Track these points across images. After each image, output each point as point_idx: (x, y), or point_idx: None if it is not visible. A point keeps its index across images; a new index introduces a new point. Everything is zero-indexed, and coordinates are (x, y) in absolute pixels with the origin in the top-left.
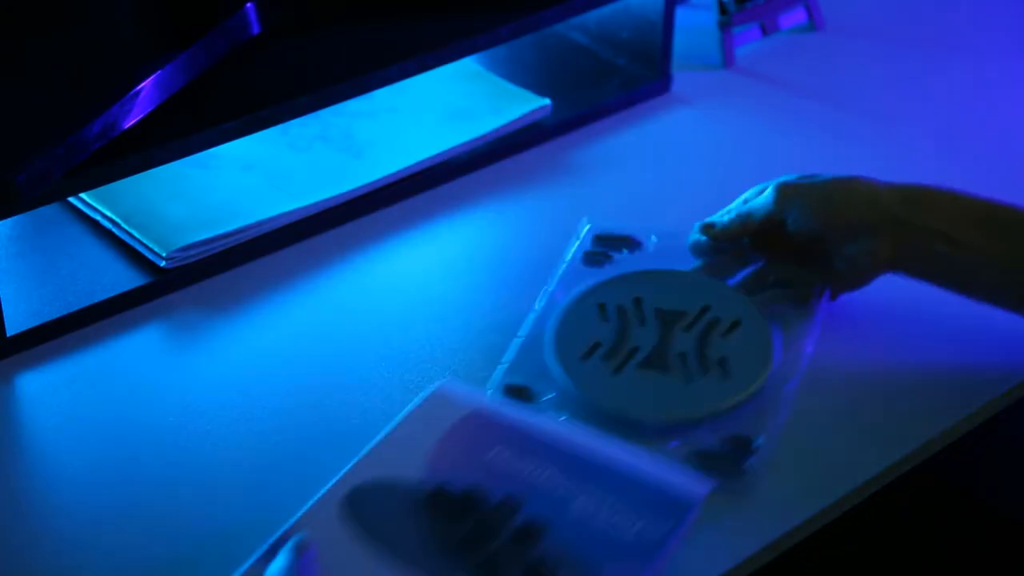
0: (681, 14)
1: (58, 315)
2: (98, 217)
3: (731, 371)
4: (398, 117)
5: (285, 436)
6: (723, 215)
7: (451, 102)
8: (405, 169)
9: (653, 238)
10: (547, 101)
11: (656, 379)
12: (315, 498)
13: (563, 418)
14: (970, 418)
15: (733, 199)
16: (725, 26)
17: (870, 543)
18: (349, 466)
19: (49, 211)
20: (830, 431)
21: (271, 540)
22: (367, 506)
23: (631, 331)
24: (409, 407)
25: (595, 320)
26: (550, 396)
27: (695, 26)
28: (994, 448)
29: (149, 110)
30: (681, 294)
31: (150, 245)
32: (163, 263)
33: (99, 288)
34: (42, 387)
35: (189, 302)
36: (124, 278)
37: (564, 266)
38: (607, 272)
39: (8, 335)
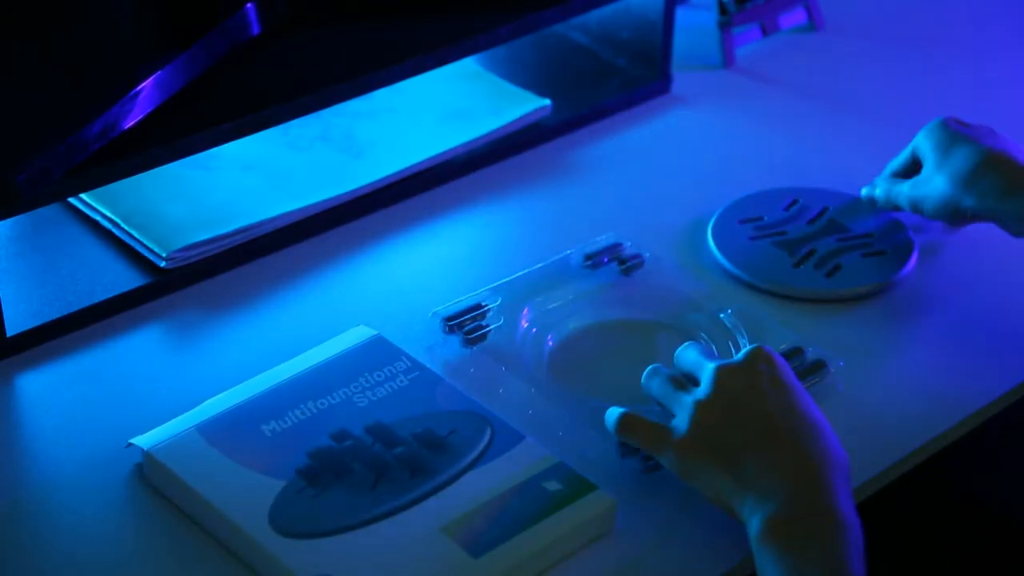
0: (681, 14)
1: (58, 315)
2: (98, 217)
3: (833, 278)
4: (398, 117)
5: None
6: (887, 189)
7: (451, 102)
8: (405, 169)
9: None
10: (547, 101)
11: (775, 254)
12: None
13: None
14: (970, 418)
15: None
16: (725, 26)
17: (870, 543)
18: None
19: (49, 211)
20: None
21: None
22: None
23: (797, 222)
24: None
25: (779, 206)
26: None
27: (695, 26)
28: (993, 448)
29: (149, 110)
30: (861, 217)
31: (150, 245)
32: (163, 263)
33: (99, 288)
34: (42, 387)
35: (189, 302)
36: (124, 278)
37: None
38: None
39: (8, 335)
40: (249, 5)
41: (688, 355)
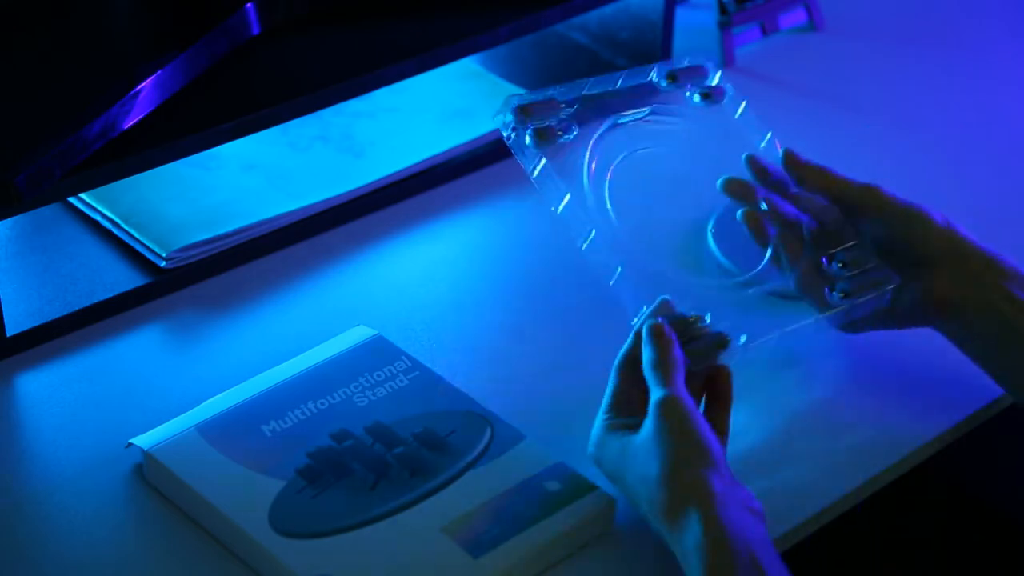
0: (681, 14)
1: (58, 315)
2: (98, 217)
3: None
4: (398, 117)
5: None
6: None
7: (451, 102)
8: (405, 169)
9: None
10: None
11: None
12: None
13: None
14: (969, 419)
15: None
16: (725, 26)
17: (870, 543)
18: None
19: (49, 211)
20: (830, 432)
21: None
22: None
23: None
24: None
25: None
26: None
27: (695, 26)
28: (993, 448)
29: (149, 110)
30: None
31: (150, 245)
32: (163, 263)
33: (99, 288)
34: (42, 387)
35: (189, 302)
36: (124, 278)
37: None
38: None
39: (8, 335)
40: (249, 5)
41: (647, 373)
